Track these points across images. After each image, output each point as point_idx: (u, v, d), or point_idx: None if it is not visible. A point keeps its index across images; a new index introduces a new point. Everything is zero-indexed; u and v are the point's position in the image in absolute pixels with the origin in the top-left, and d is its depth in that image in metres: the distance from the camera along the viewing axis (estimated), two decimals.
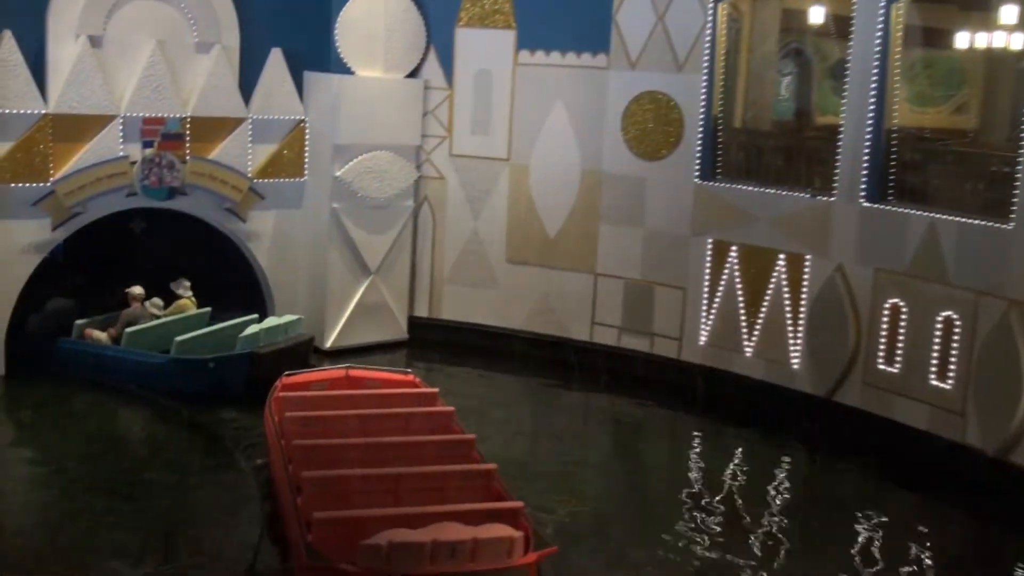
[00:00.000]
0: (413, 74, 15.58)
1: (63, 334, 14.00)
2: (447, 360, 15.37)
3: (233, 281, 15.25)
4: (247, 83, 14.70)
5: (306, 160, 15.24)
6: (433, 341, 15.88)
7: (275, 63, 14.86)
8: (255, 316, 14.12)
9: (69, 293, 14.18)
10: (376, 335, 15.60)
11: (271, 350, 13.14)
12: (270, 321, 13.74)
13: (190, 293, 14.56)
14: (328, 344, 15.16)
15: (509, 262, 15.75)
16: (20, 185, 13.32)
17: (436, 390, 11.31)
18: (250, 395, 12.32)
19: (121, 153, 13.83)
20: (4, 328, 13.39)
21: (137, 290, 14.24)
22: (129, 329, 13.78)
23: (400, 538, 7.94)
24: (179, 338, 13.38)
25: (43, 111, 13.30)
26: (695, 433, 13.27)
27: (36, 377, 13.52)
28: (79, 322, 14.13)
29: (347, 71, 15.06)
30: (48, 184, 13.40)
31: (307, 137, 15.22)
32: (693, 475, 12.02)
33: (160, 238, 15.75)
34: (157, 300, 14.22)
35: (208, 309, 14.43)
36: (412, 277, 16.02)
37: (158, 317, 14.10)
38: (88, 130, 13.67)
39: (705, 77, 14.21)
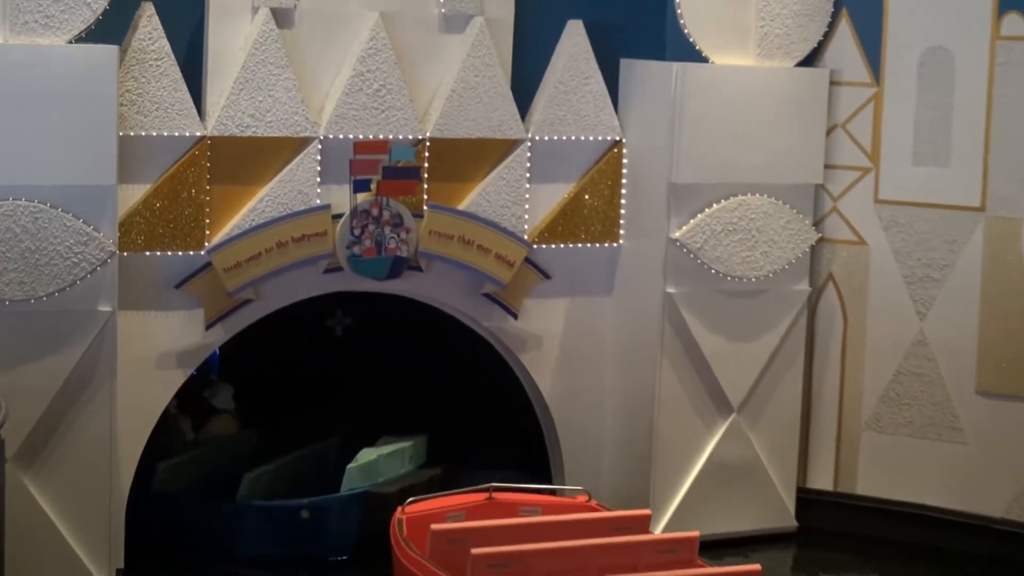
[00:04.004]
0: (809, 60, 12.76)
1: None
2: (868, 566, 12.57)
3: (483, 417, 13.24)
4: (525, 80, 12.07)
5: (622, 212, 12.50)
6: (842, 534, 12.82)
7: (573, 45, 12.04)
8: (336, 438, 13.10)
9: None
10: (740, 520, 12.55)
11: (395, 489, 12.05)
12: (383, 446, 12.65)
13: (233, 405, 13.37)
14: (658, 529, 12.24)
15: (983, 394, 12.60)
16: (158, 254, 10.87)
17: (648, 512, 11.17)
18: (359, 555, 11.71)
19: (318, 201, 11.28)
20: (126, 488, 11.10)
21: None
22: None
23: None
24: (250, 474, 12.09)
25: (198, 133, 10.86)
26: None
27: None
28: None
29: (695, 57, 12.25)
30: (202, 253, 11.01)
31: (624, 172, 12.48)
32: None
33: (372, 342, 13.68)
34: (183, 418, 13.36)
35: (255, 431, 13.61)
36: (806, 419, 13.09)
37: (198, 445, 13.23)
38: (267, 163, 11.17)
39: None
